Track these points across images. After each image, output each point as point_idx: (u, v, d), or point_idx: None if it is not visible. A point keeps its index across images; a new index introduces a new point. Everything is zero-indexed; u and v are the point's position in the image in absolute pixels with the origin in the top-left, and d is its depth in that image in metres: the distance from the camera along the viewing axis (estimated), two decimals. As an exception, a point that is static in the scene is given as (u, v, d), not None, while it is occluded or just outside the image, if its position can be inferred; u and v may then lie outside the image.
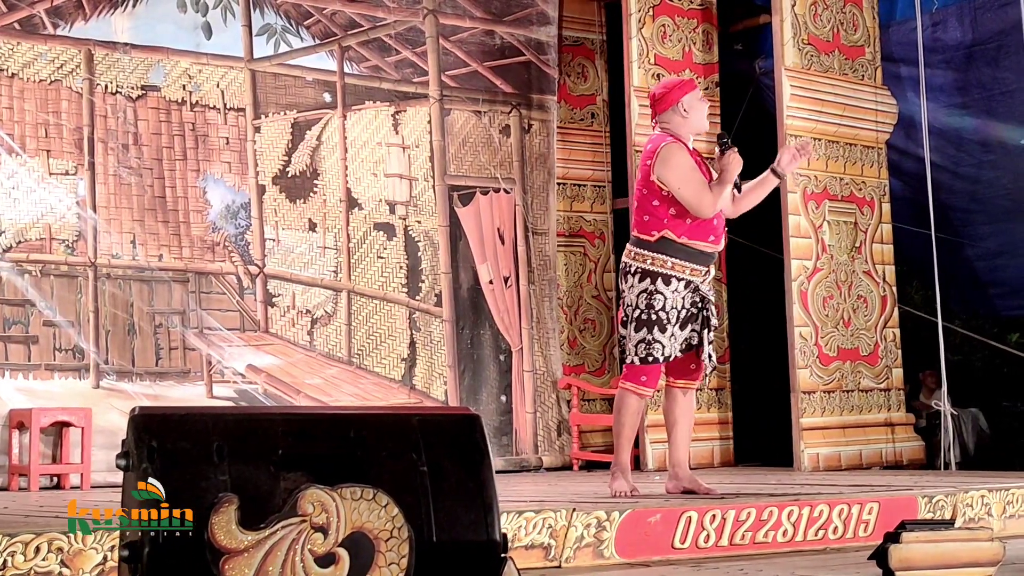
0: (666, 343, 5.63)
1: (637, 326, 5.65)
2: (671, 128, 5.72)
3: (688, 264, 5.63)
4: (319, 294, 8.44)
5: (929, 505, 5.73)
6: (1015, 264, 9.39)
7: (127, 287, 7.79)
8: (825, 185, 8.64)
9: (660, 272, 5.63)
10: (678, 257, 5.62)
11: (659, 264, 5.63)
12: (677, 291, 5.63)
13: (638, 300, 5.65)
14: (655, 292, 5.62)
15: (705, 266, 5.68)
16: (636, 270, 5.67)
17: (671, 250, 5.62)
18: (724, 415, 8.98)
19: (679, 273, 5.63)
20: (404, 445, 3.00)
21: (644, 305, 5.63)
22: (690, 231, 5.61)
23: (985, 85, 8.91)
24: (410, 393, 8.58)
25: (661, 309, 5.61)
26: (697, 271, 5.66)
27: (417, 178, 8.84)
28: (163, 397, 7.70)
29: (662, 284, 5.62)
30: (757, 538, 5.24)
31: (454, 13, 9.06)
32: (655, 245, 5.64)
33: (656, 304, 5.62)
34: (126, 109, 7.87)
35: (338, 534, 2.84)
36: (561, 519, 4.81)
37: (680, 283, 5.63)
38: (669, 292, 5.62)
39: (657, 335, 5.61)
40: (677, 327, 5.65)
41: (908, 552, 3.90)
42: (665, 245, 5.63)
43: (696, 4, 9.04)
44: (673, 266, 5.63)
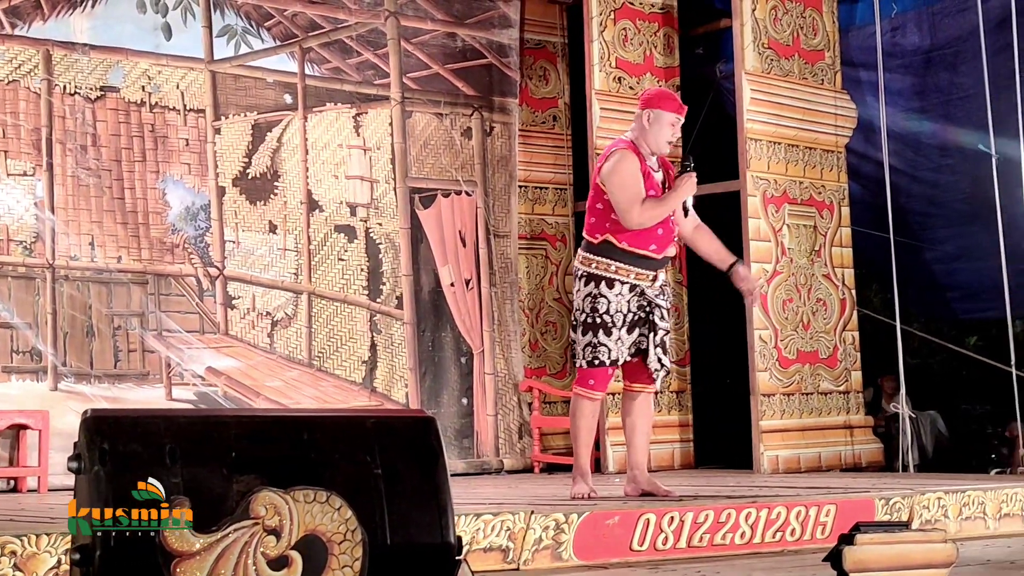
0: (612, 346, 5.65)
1: (584, 330, 5.69)
2: (634, 133, 5.75)
3: (631, 268, 5.65)
4: (279, 296, 8.41)
5: (886, 507, 5.76)
6: (973, 268, 9.45)
7: (85, 289, 7.74)
8: (785, 189, 8.68)
9: (604, 276, 5.66)
10: (621, 261, 5.65)
11: (603, 268, 5.67)
12: (621, 295, 5.65)
13: (584, 304, 5.69)
14: (599, 296, 5.65)
15: (651, 271, 5.68)
16: (583, 274, 5.72)
17: (613, 254, 5.65)
18: (684, 418, 9.01)
19: (623, 277, 5.65)
20: (358, 448, 3.00)
21: (589, 308, 5.66)
22: (631, 237, 5.63)
23: (943, 90, 8.97)
24: (371, 396, 8.56)
25: (605, 312, 5.64)
26: (643, 275, 5.67)
27: (378, 180, 8.82)
28: (121, 399, 7.66)
29: (605, 288, 5.65)
30: (715, 540, 5.25)
31: (416, 15, 9.05)
32: (598, 248, 5.69)
33: (600, 307, 5.64)
34: (85, 110, 7.82)
35: (291, 537, 2.84)
36: (519, 521, 4.81)
37: (624, 287, 5.65)
38: (613, 296, 5.64)
39: (603, 338, 5.64)
40: (624, 331, 5.66)
41: (862, 554, 3.91)
42: (607, 249, 5.66)
43: (657, 8, 9.06)
44: (617, 270, 5.65)
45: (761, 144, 8.58)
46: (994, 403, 10.30)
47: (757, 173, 8.54)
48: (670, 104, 5.74)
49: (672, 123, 5.70)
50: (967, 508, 6.07)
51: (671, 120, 5.70)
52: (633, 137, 5.73)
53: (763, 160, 8.58)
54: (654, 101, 5.74)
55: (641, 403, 5.86)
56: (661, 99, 5.78)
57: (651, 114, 5.68)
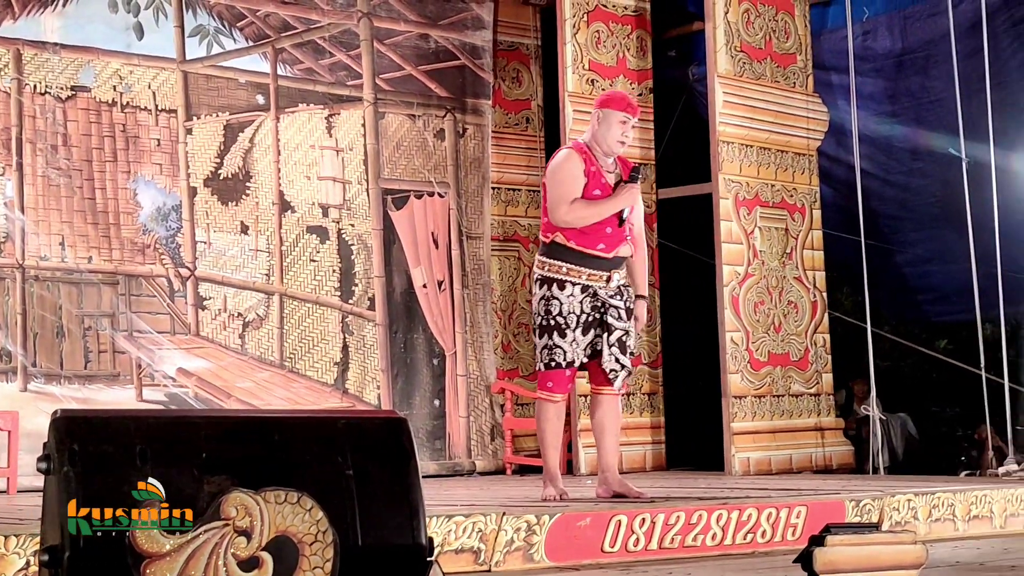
0: (567, 348, 5.66)
1: (540, 333, 5.73)
2: (587, 134, 5.83)
3: (584, 269, 5.67)
4: (251, 297, 8.38)
5: (856, 509, 5.78)
6: (944, 270, 9.49)
7: (55, 289, 7.70)
8: (757, 191, 8.71)
9: (555, 278, 5.69)
10: (571, 262, 5.67)
11: (554, 270, 5.70)
12: (573, 296, 5.67)
13: (539, 307, 5.74)
14: (551, 298, 5.68)
15: (604, 271, 5.70)
16: (538, 277, 5.78)
17: (563, 254, 5.69)
18: (656, 419, 9.01)
19: (574, 278, 5.68)
20: (329, 449, 2.99)
21: (544, 311, 5.70)
22: (579, 236, 5.66)
23: (914, 93, 9.02)
24: (343, 397, 8.55)
25: (559, 314, 5.66)
26: (595, 276, 5.68)
27: (351, 181, 8.81)
28: (92, 400, 7.62)
29: (557, 289, 5.68)
30: (686, 542, 5.27)
31: (389, 16, 9.04)
32: (549, 249, 5.74)
33: (553, 310, 5.67)
34: (55, 110, 7.78)
35: (262, 538, 2.83)
36: (491, 523, 4.81)
37: (576, 288, 5.67)
38: (565, 297, 5.67)
39: (557, 340, 5.66)
40: (578, 332, 5.67)
41: (832, 555, 3.93)
42: (558, 250, 5.70)
43: (630, 11, 9.07)
44: (568, 271, 5.68)
45: (733, 147, 8.60)
46: (964, 406, 10.34)
47: (729, 176, 8.56)
48: (618, 103, 5.81)
49: (621, 122, 5.73)
50: (936, 510, 6.10)
51: (619, 119, 5.73)
52: (586, 139, 5.82)
53: (735, 163, 8.60)
54: (605, 101, 5.84)
55: (606, 405, 5.86)
56: (610, 99, 5.88)
57: (600, 114, 5.76)
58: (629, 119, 5.76)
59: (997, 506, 6.34)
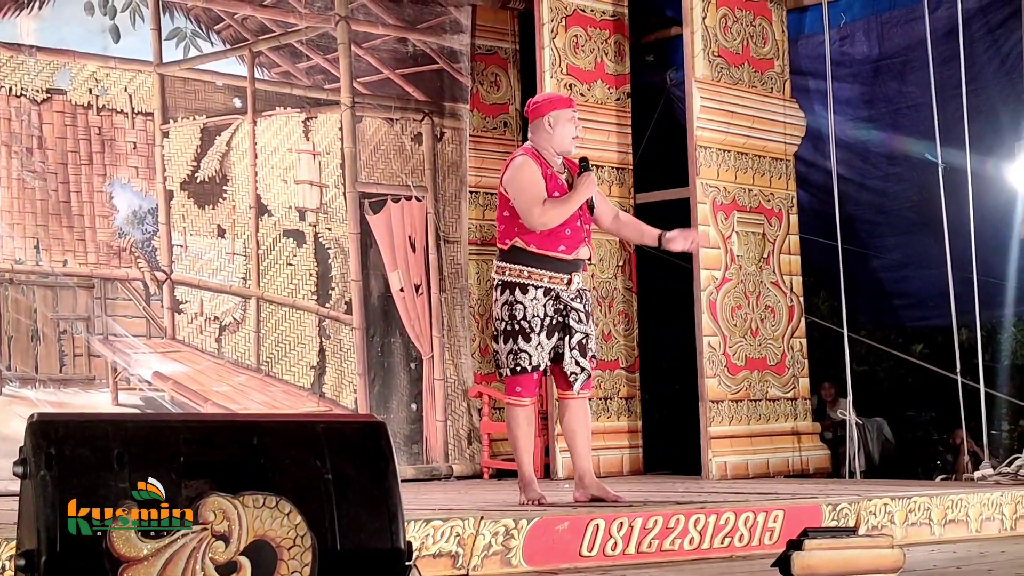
0: (532, 352, 5.67)
1: (504, 338, 5.72)
2: (536, 141, 5.84)
3: (545, 272, 5.69)
4: (227, 301, 8.35)
5: (833, 513, 5.79)
6: (920, 276, 9.54)
7: (30, 293, 7.66)
8: (734, 196, 8.72)
9: (517, 282, 5.70)
10: (533, 266, 5.69)
11: (515, 274, 5.71)
12: (536, 299, 5.68)
13: (501, 312, 5.74)
14: (515, 302, 5.69)
15: (565, 274, 5.72)
16: (498, 283, 5.78)
17: (524, 258, 5.70)
18: (633, 423, 9.02)
19: (536, 281, 5.69)
20: (308, 452, 2.98)
21: (507, 316, 5.70)
22: (539, 240, 5.68)
23: (891, 99, 9.05)
24: (319, 401, 8.52)
25: (523, 319, 5.67)
26: (556, 279, 5.70)
27: (328, 185, 8.79)
28: (67, 404, 7.58)
29: (520, 293, 5.68)
30: (664, 546, 5.27)
31: (366, 20, 9.02)
32: (508, 254, 5.74)
33: (517, 314, 5.68)
34: (31, 112, 7.73)
35: (240, 542, 2.82)
36: (469, 527, 4.80)
37: (538, 291, 5.68)
38: (528, 301, 5.67)
39: (522, 344, 5.67)
40: (543, 336, 5.68)
41: (810, 559, 3.94)
42: (517, 254, 5.71)
43: (608, 15, 9.08)
44: (530, 275, 5.69)
45: (711, 152, 8.62)
46: (939, 410, 10.40)
47: (707, 180, 8.58)
48: (563, 102, 5.92)
49: (570, 119, 5.81)
50: (913, 514, 6.12)
51: (568, 116, 5.81)
52: (533, 145, 5.83)
53: (713, 168, 8.62)
54: (547, 106, 5.87)
55: (574, 410, 5.87)
56: (553, 102, 5.94)
57: (549, 119, 5.79)
58: (575, 114, 5.86)
59: (973, 510, 6.37)
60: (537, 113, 5.85)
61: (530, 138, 5.88)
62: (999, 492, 6.59)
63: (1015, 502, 6.56)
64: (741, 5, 8.89)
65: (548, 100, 5.99)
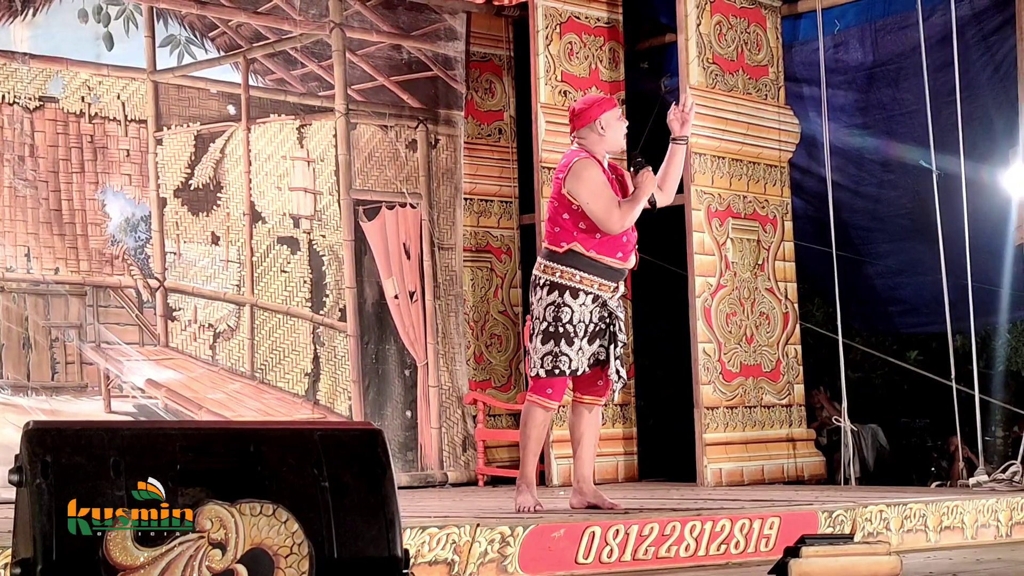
0: (573, 356, 5.64)
1: (544, 338, 5.66)
2: (587, 144, 5.76)
3: (596, 279, 5.66)
4: (222, 308, 8.34)
5: (829, 520, 5.79)
6: (915, 282, 9.53)
7: (22, 300, 7.63)
8: (729, 203, 8.72)
9: (568, 285, 5.65)
10: (586, 271, 5.65)
11: (567, 277, 5.66)
12: (585, 305, 5.65)
13: (546, 312, 5.66)
14: (563, 305, 5.64)
15: (614, 282, 5.71)
16: (545, 282, 5.69)
17: (579, 263, 5.65)
18: (629, 430, 9.01)
19: (587, 287, 5.65)
20: (305, 460, 2.97)
21: (552, 317, 5.64)
22: (599, 246, 5.64)
23: (886, 106, 9.05)
24: (314, 408, 8.51)
25: (568, 322, 5.63)
26: (605, 286, 5.68)
27: (322, 192, 8.78)
28: (60, 412, 7.56)
29: (570, 297, 5.64)
30: (660, 553, 5.26)
31: (361, 27, 9.01)
32: (563, 257, 5.67)
33: (564, 317, 5.63)
34: (23, 120, 7.72)
35: (237, 550, 2.80)
36: (465, 535, 4.79)
37: (588, 297, 5.65)
38: (577, 305, 5.64)
39: (564, 348, 5.63)
40: (585, 341, 5.66)
41: (808, 566, 3.93)
42: (573, 258, 5.66)
43: (603, 22, 9.09)
44: (581, 280, 5.66)
45: (705, 158, 8.61)
46: (934, 417, 10.40)
47: (701, 187, 8.57)
48: (609, 103, 5.88)
49: (619, 118, 5.81)
50: (909, 521, 6.11)
51: (618, 116, 5.81)
52: (587, 148, 5.75)
53: (707, 174, 8.62)
54: (596, 110, 5.79)
55: (590, 416, 5.88)
56: (601, 104, 5.87)
57: (602, 121, 5.74)
58: (621, 110, 5.86)
59: (968, 517, 6.36)
60: (587, 118, 5.75)
61: (578, 143, 5.77)
62: (994, 499, 6.58)
63: (1010, 509, 6.56)
64: (736, 12, 8.89)
65: (596, 103, 5.87)
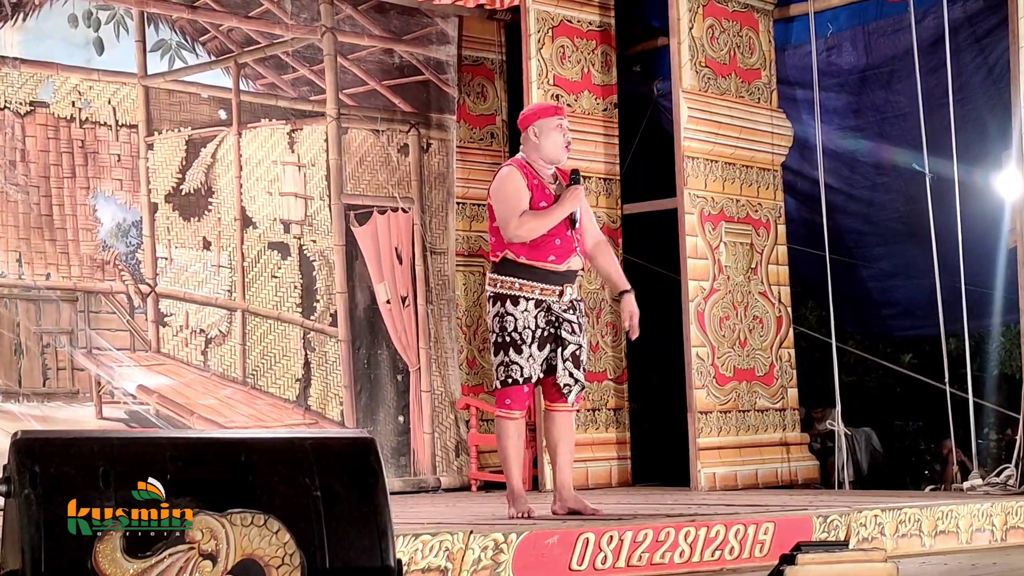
0: (524, 364, 5.64)
1: (495, 350, 5.72)
2: (525, 151, 5.83)
3: (536, 284, 5.66)
4: (213, 313, 8.31)
5: (824, 525, 5.77)
6: (908, 285, 9.53)
7: (13, 306, 7.60)
8: (722, 207, 8.70)
9: (508, 294, 5.67)
10: (524, 277, 5.66)
11: (507, 286, 5.68)
12: (527, 311, 5.65)
13: (493, 324, 5.72)
14: (506, 314, 5.66)
15: (556, 285, 5.68)
16: (491, 295, 5.75)
17: (516, 271, 5.67)
18: (622, 435, 8.98)
19: (528, 293, 5.66)
20: (296, 469, 2.95)
21: (498, 328, 5.69)
22: (529, 251, 5.65)
23: (878, 108, 9.04)
24: (305, 414, 8.48)
25: (514, 330, 5.64)
26: (548, 291, 5.67)
27: (313, 197, 8.75)
28: (51, 418, 7.52)
29: (511, 305, 5.66)
30: (654, 559, 5.23)
31: (352, 31, 8.99)
32: (499, 266, 5.73)
33: (508, 326, 5.65)
34: (14, 125, 7.69)
35: (227, 561, 2.77)
36: (458, 542, 4.76)
37: (529, 303, 5.66)
38: (519, 312, 5.65)
39: (514, 356, 5.64)
40: (535, 347, 5.65)
41: (804, 573, 3.91)
42: (509, 266, 5.69)
43: (595, 26, 9.07)
44: (521, 287, 5.67)
45: (698, 162, 8.60)
46: (928, 420, 10.41)
47: (694, 191, 8.56)
48: (547, 111, 5.88)
49: (556, 127, 5.77)
50: (903, 525, 6.10)
51: (555, 124, 5.78)
52: (523, 157, 5.81)
53: (700, 178, 8.60)
54: (531, 116, 5.86)
55: (560, 423, 5.85)
56: (538, 112, 5.92)
57: (535, 128, 5.78)
58: (562, 120, 5.81)
59: (963, 521, 6.35)
60: (523, 124, 5.85)
61: (520, 150, 5.87)
62: (989, 503, 6.57)
63: (1005, 513, 6.55)
64: (728, 15, 8.88)
65: (533, 111, 5.98)
